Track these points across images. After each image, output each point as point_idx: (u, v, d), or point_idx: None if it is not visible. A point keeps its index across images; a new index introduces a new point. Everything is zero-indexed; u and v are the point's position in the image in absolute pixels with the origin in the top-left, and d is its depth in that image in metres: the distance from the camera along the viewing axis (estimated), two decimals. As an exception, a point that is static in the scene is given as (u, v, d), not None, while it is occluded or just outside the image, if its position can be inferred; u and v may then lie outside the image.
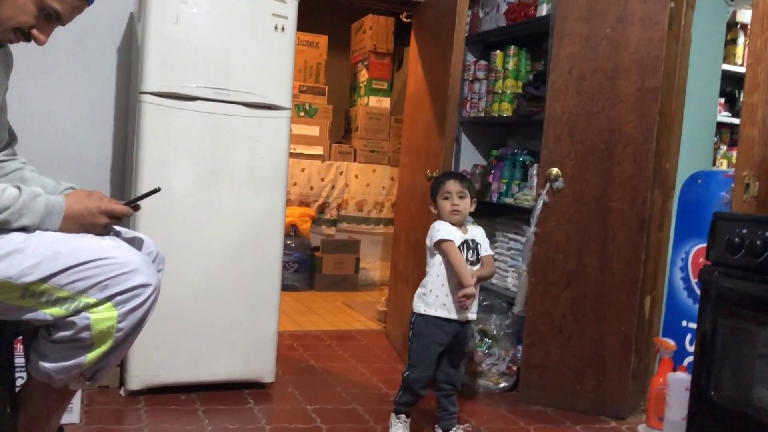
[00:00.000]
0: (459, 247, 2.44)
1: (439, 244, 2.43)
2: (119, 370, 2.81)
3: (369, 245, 5.90)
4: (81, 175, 3.06)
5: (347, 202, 5.85)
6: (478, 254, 2.49)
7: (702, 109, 3.03)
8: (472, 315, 2.48)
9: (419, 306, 2.46)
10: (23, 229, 1.48)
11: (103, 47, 3.19)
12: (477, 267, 2.47)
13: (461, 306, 2.40)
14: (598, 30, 2.88)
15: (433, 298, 2.44)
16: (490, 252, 2.54)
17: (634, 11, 2.82)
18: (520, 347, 3.17)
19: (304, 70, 6.12)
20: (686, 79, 2.94)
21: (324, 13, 5.73)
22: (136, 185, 2.73)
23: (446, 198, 2.48)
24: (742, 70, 3.05)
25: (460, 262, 2.40)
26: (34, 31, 1.56)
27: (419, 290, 2.49)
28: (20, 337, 1.69)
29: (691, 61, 2.93)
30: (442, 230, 2.44)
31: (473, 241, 2.49)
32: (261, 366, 2.96)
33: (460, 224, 2.49)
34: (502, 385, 3.18)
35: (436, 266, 2.46)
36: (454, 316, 2.43)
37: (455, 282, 2.41)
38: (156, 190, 1.72)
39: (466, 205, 2.49)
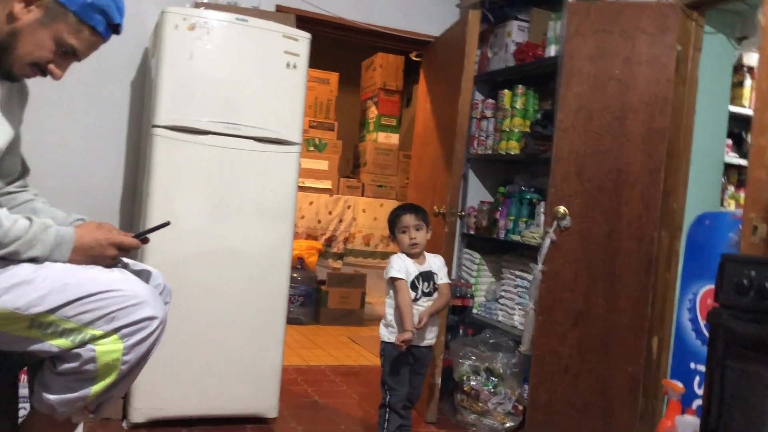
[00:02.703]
0: (415, 279, 2.57)
1: (393, 281, 2.56)
2: (122, 402, 2.79)
3: (375, 279, 5.88)
4: (91, 205, 3.09)
5: (354, 235, 5.86)
6: (434, 284, 2.61)
7: (709, 150, 3.04)
8: (430, 340, 2.63)
9: (384, 334, 2.60)
10: (33, 260, 1.49)
11: (117, 81, 3.25)
12: (434, 296, 2.60)
13: (398, 348, 2.52)
14: (605, 70, 2.91)
15: (394, 328, 2.57)
16: (446, 280, 2.67)
17: (641, 53, 2.85)
18: (526, 386, 3.13)
19: (314, 105, 6.19)
20: (693, 120, 2.95)
21: (335, 51, 5.81)
22: (145, 217, 2.75)
23: (404, 232, 2.60)
24: (750, 112, 3.06)
25: (405, 305, 2.53)
26: (51, 67, 1.59)
27: (383, 320, 2.63)
28: (25, 368, 1.69)
29: (698, 102, 2.95)
30: (395, 266, 2.57)
31: (429, 272, 2.61)
32: (264, 401, 2.94)
33: (418, 256, 2.62)
34: (507, 424, 3.14)
35: (393, 298, 2.58)
36: (414, 342, 2.55)
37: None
38: (165, 224, 1.73)
39: (423, 236, 2.61)
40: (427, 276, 2.61)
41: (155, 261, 2.49)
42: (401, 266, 2.57)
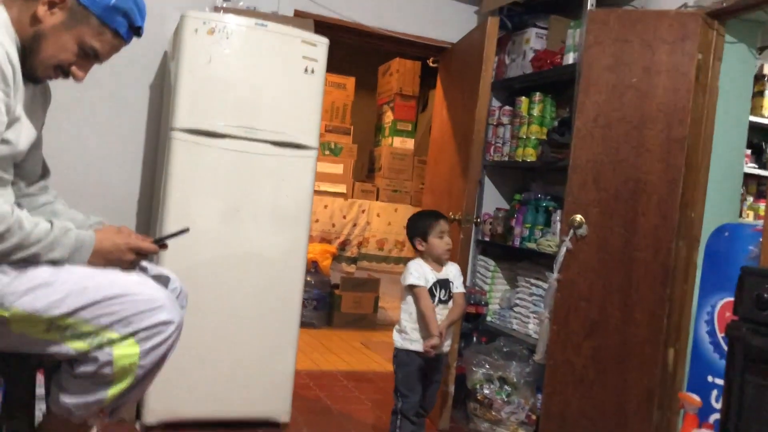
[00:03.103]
0: (432, 286, 2.58)
1: (411, 288, 2.57)
2: (136, 404, 2.80)
3: (389, 284, 5.88)
4: (108, 207, 3.11)
5: (368, 240, 5.86)
6: (450, 292, 2.63)
7: (728, 160, 3.01)
8: (445, 348, 2.64)
9: (398, 341, 2.61)
10: (53, 263, 1.50)
11: (136, 83, 3.27)
12: (449, 304, 2.62)
13: (427, 354, 2.53)
14: (624, 79, 2.89)
15: (408, 334, 2.58)
16: (461, 290, 2.68)
17: (661, 62, 2.83)
18: (540, 396, 3.11)
19: (331, 110, 6.21)
20: (713, 129, 2.93)
21: (352, 56, 5.82)
22: (162, 220, 2.76)
23: (441, 237, 2.63)
24: (770, 122, 3.03)
25: (429, 311, 2.54)
26: (74, 68, 1.60)
27: (396, 327, 2.63)
28: (42, 369, 1.70)
29: (717, 112, 2.92)
30: (414, 273, 2.59)
31: (446, 280, 2.63)
32: (277, 405, 2.95)
33: (445, 262, 2.66)
34: (520, 434, 3.12)
35: (409, 305, 2.60)
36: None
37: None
38: (185, 231, 1.73)
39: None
40: (444, 284, 2.63)
41: (172, 265, 2.50)
42: (420, 273, 2.59)
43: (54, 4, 1.52)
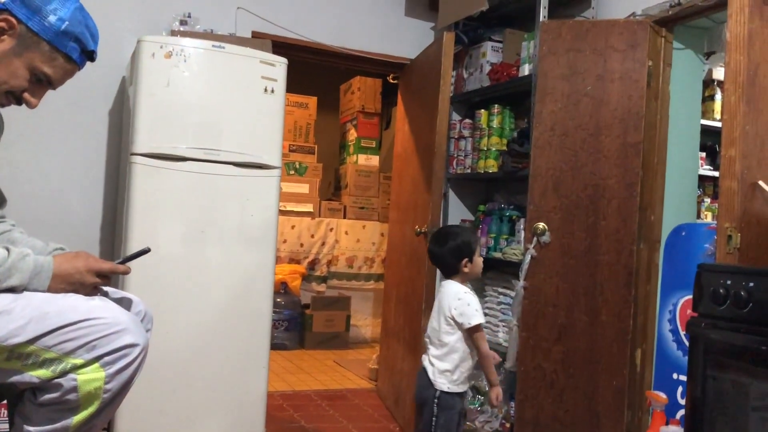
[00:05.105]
0: None
1: (477, 329, 2.33)
2: (103, 430, 2.76)
3: (360, 301, 5.88)
4: (71, 235, 3.07)
5: (337, 258, 5.86)
6: None
7: (684, 163, 3.09)
8: None
9: (443, 384, 2.35)
10: (11, 290, 1.47)
11: (95, 109, 3.25)
12: None
13: (494, 405, 2.40)
14: (579, 88, 2.96)
15: (457, 376, 2.37)
16: None
17: (613, 69, 2.91)
18: (512, 403, 3.13)
19: (294, 129, 6.22)
20: (667, 134, 3.01)
21: (313, 76, 5.86)
22: (125, 245, 2.74)
23: (481, 255, 2.47)
24: (721, 125, 3.12)
25: (491, 357, 2.37)
26: (26, 95, 1.58)
27: (441, 366, 2.36)
28: (4, 401, 1.66)
29: (671, 116, 3.01)
30: (479, 309, 2.34)
31: None
32: (250, 427, 2.92)
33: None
34: (495, 442, 3.13)
35: (459, 343, 2.36)
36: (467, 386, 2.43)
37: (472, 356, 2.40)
38: (146, 251, 1.72)
39: None
40: None
41: (137, 288, 2.48)
42: (480, 308, 2.36)
43: (3, 30, 1.51)
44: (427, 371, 2.38)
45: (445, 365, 2.35)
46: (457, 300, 2.34)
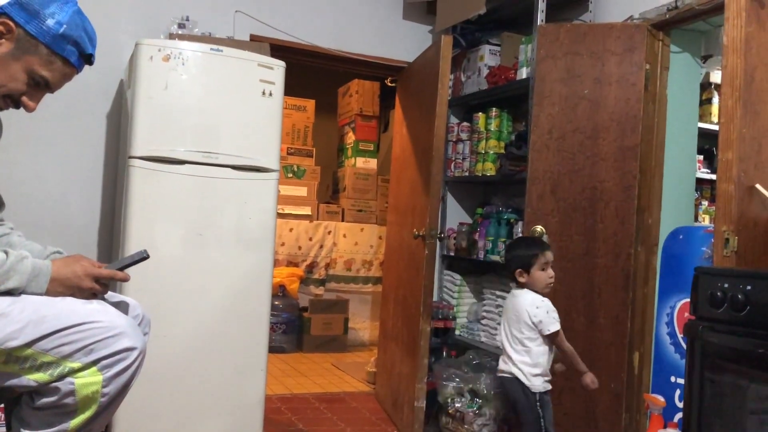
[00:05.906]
0: None
1: (556, 334, 2.46)
2: (103, 437, 2.75)
3: (358, 304, 5.87)
4: (69, 238, 3.07)
5: (336, 261, 5.85)
6: None
7: (681, 166, 3.10)
8: None
9: (538, 385, 2.47)
10: (9, 293, 1.47)
11: (93, 113, 3.25)
12: None
13: (594, 387, 2.52)
14: (576, 91, 2.97)
15: (546, 375, 2.50)
16: None
17: (610, 73, 2.92)
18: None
19: (292, 133, 6.22)
20: (664, 137, 3.02)
21: (311, 79, 5.86)
22: (123, 248, 2.74)
23: (544, 269, 2.49)
24: (718, 128, 3.13)
25: (573, 352, 2.51)
26: (24, 99, 1.58)
27: (532, 370, 2.47)
28: (1, 405, 1.66)
29: (668, 119, 3.01)
30: (555, 316, 2.46)
31: None
32: (248, 431, 2.91)
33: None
34: (493, 445, 3.13)
35: (541, 347, 2.48)
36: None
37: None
38: (144, 258, 1.68)
39: None
40: None
41: (135, 292, 2.47)
42: (556, 313, 2.49)
43: (1, 34, 1.51)
44: (519, 378, 2.47)
45: (535, 369, 2.47)
46: (536, 308, 2.46)
